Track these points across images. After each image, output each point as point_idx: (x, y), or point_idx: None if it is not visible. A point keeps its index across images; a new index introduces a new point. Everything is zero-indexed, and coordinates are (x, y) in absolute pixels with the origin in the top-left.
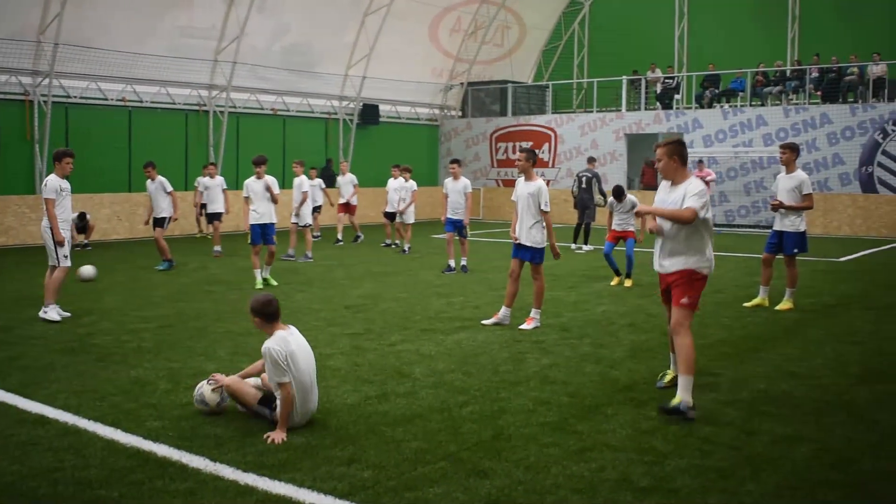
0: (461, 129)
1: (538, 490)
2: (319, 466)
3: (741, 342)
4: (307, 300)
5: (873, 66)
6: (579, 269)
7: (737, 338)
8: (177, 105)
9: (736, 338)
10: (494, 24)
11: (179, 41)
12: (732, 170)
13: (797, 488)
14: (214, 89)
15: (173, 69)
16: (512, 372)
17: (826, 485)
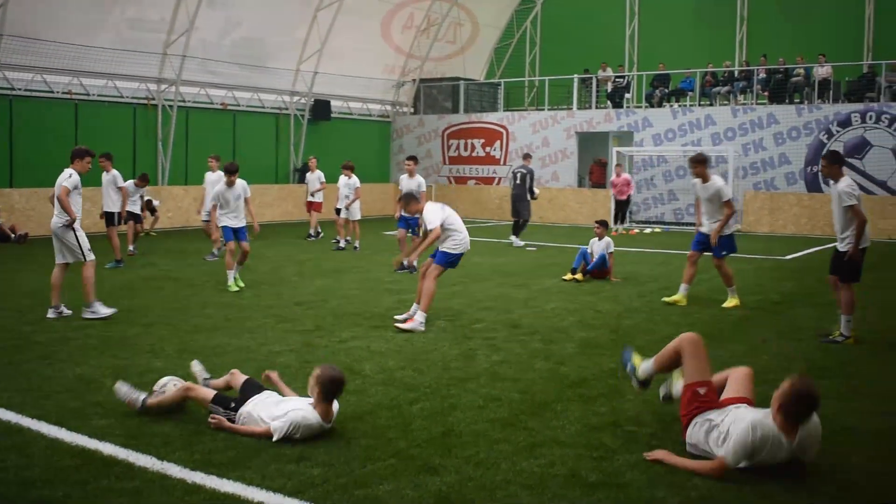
0: (413, 126)
1: (488, 486)
2: (268, 464)
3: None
4: (257, 297)
5: (819, 68)
6: (527, 265)
7: None
8: (125, 99)
9: None
10: (447, 21)
11: (128, 34)
12: (681, 168)
13: (743, 482)
14: (163, 83)
15: (121, 62)
16: (462, 369)
17: (771, 477)
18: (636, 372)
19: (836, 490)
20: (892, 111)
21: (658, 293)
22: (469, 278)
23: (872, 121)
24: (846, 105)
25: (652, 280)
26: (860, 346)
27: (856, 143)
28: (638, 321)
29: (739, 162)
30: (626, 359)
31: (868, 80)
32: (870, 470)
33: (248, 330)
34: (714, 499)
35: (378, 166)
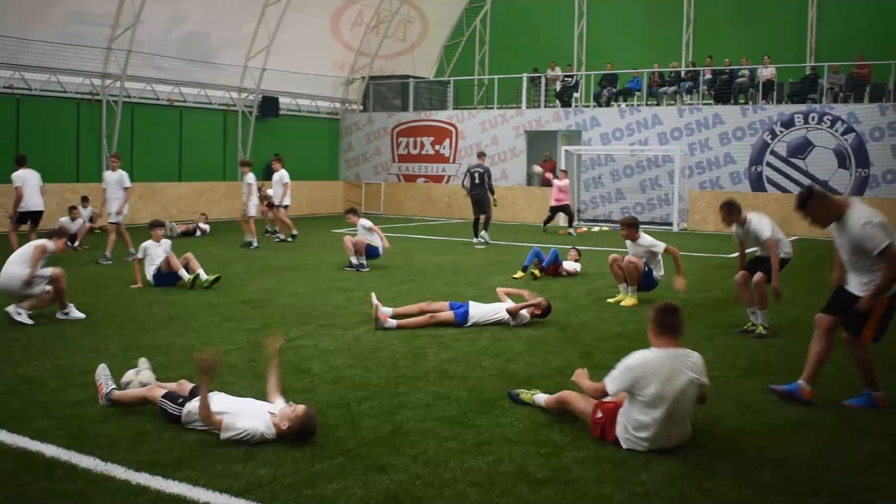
0: (362, 124)
1: (436, 484)
2: (214, 464)
3: (636, 335)
4: (203, 295)
5: (763, 69)
6: (479, 263)
7: (632, 332)
8: (68, 94)
9: (631, 332)
10: (396, 19)
11: (71, 28)
12: (629, 167)
13: (687, 477)
14: (108, 78)
15: (64, 56)
16: (411, 367)
17: (715, 473)
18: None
19: (782, 484)
20: (834, 112)
21: (606, 291)
22: (418, 276)
23: (815, 122)
24: (789, 106)
25: (600, 278)
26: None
27: (798, 143)
28: (586, 319)
29: (685, 161)
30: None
31: (811, 81)
32: (812, 463)
33: (193, 329)
34: (659, 494)
35: (327, 164)
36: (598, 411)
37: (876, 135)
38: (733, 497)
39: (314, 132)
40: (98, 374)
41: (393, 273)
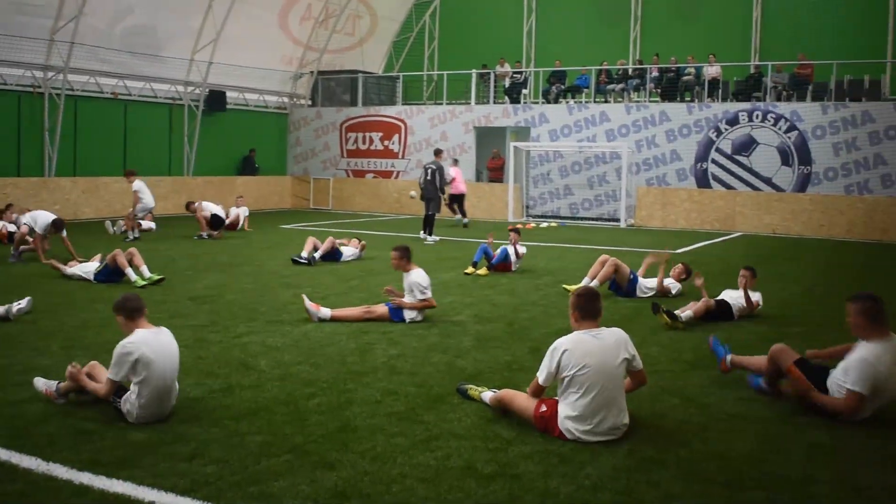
0: (311, 119)
1: (384, 480)
2: (160, 463)
3: None
4: (149, 292)
5: (709, 68)
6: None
7: None
8: (8, 86)
9: None
10: (345, 13)
11: (12, 18)
12: (577, 164)
13: (633, 470)
14: (50, 70)
15: (5, 48)
16: (359, 363)
17: (661, 465)
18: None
19: (725, 476)
20: (778, 110)
21: (554, 286)
22: (367, 272)
23: (759, 119)
24: (734, 104)
25: (548, 273)
26: (750, 337)
27: (743, 140)
28: (534, 314)
29: (633, 158)
30: (463, 393)
31: (755, 80)
32: (754, 455)
33: None
34: (606, 487)
35: (275, 159)
36: (543, 405)
37: (818, 133)
38: (678, 489)
39: (262, 127)
40: (38, 386)
41: (342, 270)
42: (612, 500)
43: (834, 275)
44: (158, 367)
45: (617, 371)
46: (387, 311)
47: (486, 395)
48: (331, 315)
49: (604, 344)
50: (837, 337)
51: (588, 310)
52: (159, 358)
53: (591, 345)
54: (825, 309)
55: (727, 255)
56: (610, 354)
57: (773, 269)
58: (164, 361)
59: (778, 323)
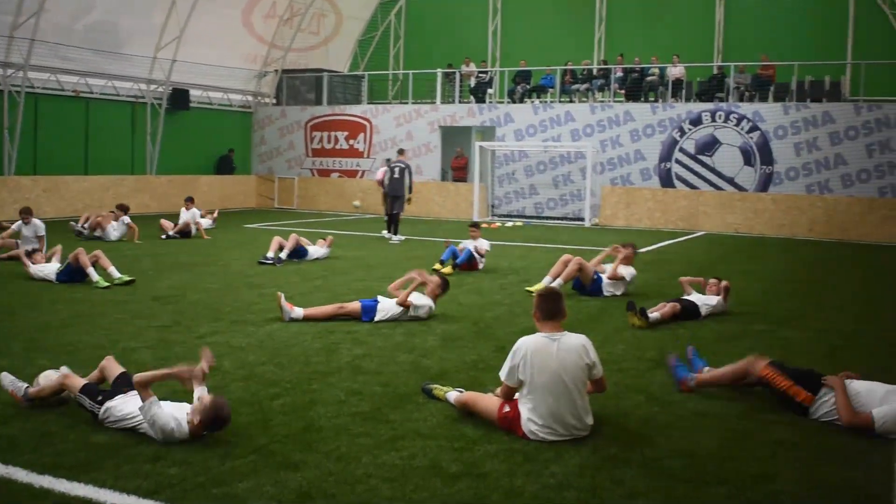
0: (275, 118)
1: (349, 480)
2: (122, 465)
3: None
4: (111, 293)
5: (672, 68)
6: (392, 259)
7: None
8: None
9: None
10: (310, 12)
11: None
12: (542, 163)
13: (598, 468)
14: (10, 68)
15: None
16: (324, 363)
17: (625, 463)
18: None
19: (689, 473)
20: (740, 111)
21: (519, 285)
22: (331, 271)
23: (722, 120)
24: (698, 104)
25: (513, 272)
26: (713, 334)
27: (706, 140)
28: (499, 313)
29: (597, 158)
30: (427, 392)
31: (718, 80)
32: (718, 452)
33: (101, 326)
34: (571, 485)
35: (239, 158)
36: (506, 406)
37: (780, 133)
38: (643, 487)
39: (226, 125)
40: (5, 384)
41: (306, 269)
42: (576, 498)
43: (795, 273)
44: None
45: (576, 375)
46: (359, 308)
47: (451, 394)
48: (304, 315)
49: (563, 348)
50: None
51: (550, 311)
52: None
53: (551, 349)
54: (786, 306)
55: (691, 254)
56: (569, 360)
57: (736, 268)
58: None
59: (741, 321)
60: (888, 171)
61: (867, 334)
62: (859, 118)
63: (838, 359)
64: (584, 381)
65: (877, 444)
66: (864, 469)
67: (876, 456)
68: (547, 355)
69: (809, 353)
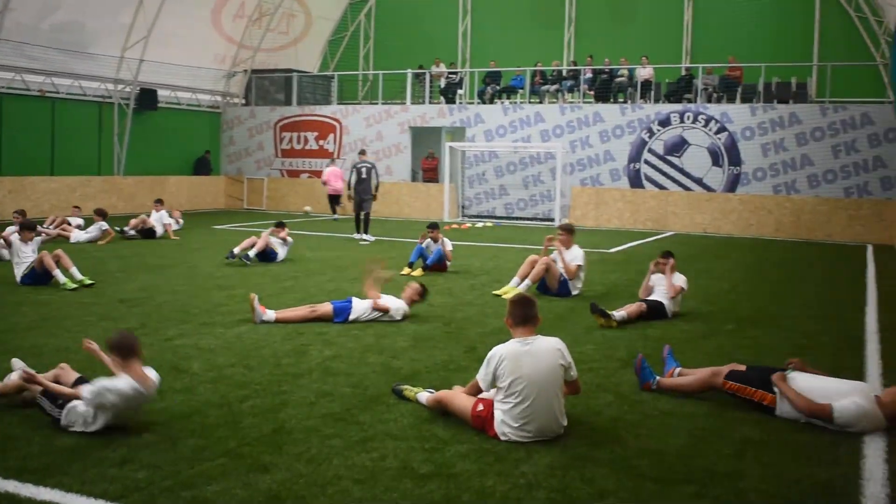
0: (245, 118)
1: (319, 482)
2: (89, 469)
3: None
4: (77, 295)
5: (641, 69)
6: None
7: None
8: None
9: None
10: (279, 12)
11: None
12: (512, 164)
13: (568, 467)
14: None
15: None
16: (294, 364)
17: (595, 462)
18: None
19: (657, 471)
20: (708, 112)
21: (490, 286)
22: (302, 273)
23: (690, 120)
24: (666, 105)
25: (484, 273)
26: (682, 334)
27: (675, 141)
28: (470, 314)
29: (567, 159)
30: (398, 393)
31: (686, 81)
32: (686, 451)
33: (67, 329)
34: (541, 485)
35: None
36: (479, 404)
37: (747, 134)
38: (612, 486)
39: (195, 125)
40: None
41: (276, 270)
42: (546, 497)
43: (762, 273)
44: (131, 407)
45: (552, 378)
46: (331, 311)
47: (422, 395)
48: (275, 318)
49: (537, 353)
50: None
51: (522, 316)
52: (134, 401)
53: (525, 354)
54: (754, 305)
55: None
56: (544, 363)
57: (705, 267)
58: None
59: (709, 320)
60: (854, 172)
61: (831, 332)
62: (825, 119)
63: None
64: (559, 383)
65: (843, 440)
66: (830, 466)
67: (843, 453)
68: (521, 363)
69: (777, 352)
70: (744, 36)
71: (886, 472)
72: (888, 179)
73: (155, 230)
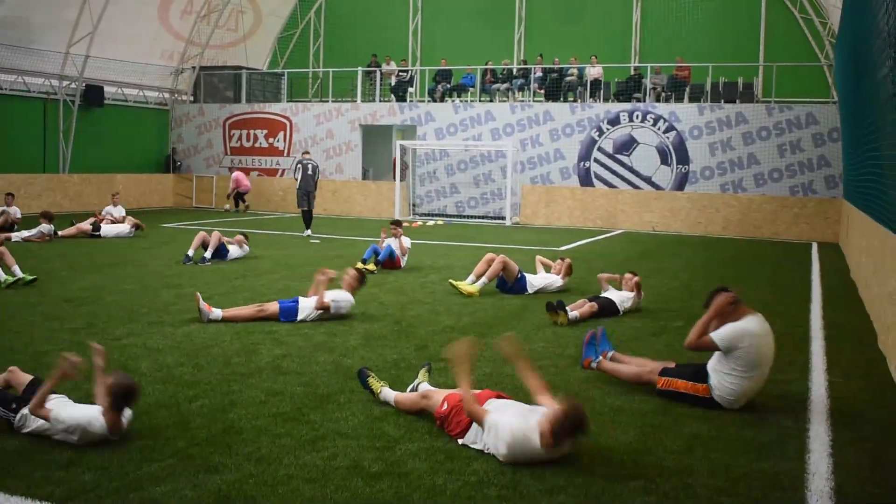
0: (193, 115)
1: (269, 482)
2: (34, 471)
3: (469, 328)
4: (20, 294)
5: (590, 69)
6: (314, 258)
7: (465, 324)
8: None
9: (464, 324)
10: (228, 8)
11: None
12: (463, 162)
13: (520, 465)
14: None
15: None
16: (244, 364)
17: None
18: (375, 395)
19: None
20: (657, 111)
21: (441, 284)
22: (251, 272)
23: (639, 119)
24: (616, 104)
25: (435, 271)
26: (632, 331)
27: (624, 140)
28: (421, 312)
29: (517, 157)
30: (363, 378)
31: (635, 81)
32: (635, 447)
33: (10, 329)
34: (492, 483)
35: (155, 156)
36: (445, 403)
37: (695, 133)
38: (562, 482)
39: (142, 123)
40: None
41: (225, 269)
42: (497, 494)
43: (711, 270)
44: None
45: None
46: (277, 310)
47: (388, 393)
48: (222, 316)
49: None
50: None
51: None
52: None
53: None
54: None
55: (609, 251)
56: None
57: (654, 266)
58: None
59: (659, 317)
60: (799, 171)
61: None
62: (771, 119)
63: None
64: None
65: (789, 435)
66: (776, 460)
67: (789, 448)
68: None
69: None
70: (691, 36)
71: (831, 467)
72: (832, 178)
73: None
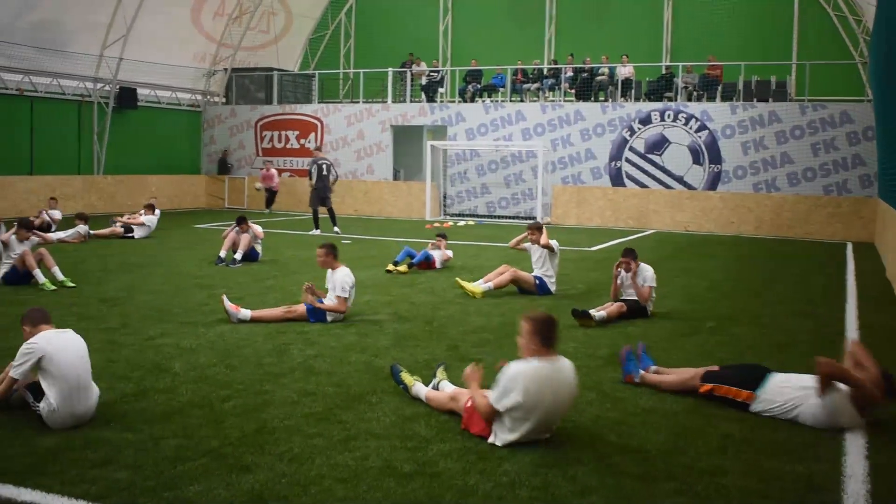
0: (225, 117)
1: (302, 482)
2: (70, 469)
3: (500, 328)
4: (57, 294)
5: (622, 68)
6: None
7: (496, 324)
8: None
9: (495, 324)
10: (260, 10)
11: None
12: (493, 163)
13: (551, 465)
14: None
15: None
16: (276, 364)
17: (577, 460)
18: (408, 390)
19: (640, 469)
20: (688, 110)
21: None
22: (282, 272)
23: (670, 119)
24: (647, 104)
25: (466, 271)
26: (663, 332)
27: (655, 140)
28: (452, 312)
29: (548, 157)
30: (395, 373)
31: (666, 80)
32: (667, 448)
33: None
34: (524, 483)
35: (188, 157)
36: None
37: (727, 132)
38: (594, 483)
39: (175, 124)
40: None
41: (258, 269)
42: (529, 496)
43: (744, 271)
44: (64, 363)
45: (567, 403)
46: (304, 311)
47: (420, 388)
48: (251, 316)
49: (559, 378)
50: (746, 330)
51: (546, 338)
52: (63, 354)
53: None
54: (735, 303)
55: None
56: (563, 390)
57: (686, 266)
58: (71, 358)
59: (690, 318)
60: (833, 170)
61: (811, 330)
62: (805, 118)
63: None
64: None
65: (824, 437)
66: (811, 462)
67: (823, 449)
68: (544, 388)
69: (757, 350)
70: (723, 35)
71: (867, 469)
72: (867, 177)
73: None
